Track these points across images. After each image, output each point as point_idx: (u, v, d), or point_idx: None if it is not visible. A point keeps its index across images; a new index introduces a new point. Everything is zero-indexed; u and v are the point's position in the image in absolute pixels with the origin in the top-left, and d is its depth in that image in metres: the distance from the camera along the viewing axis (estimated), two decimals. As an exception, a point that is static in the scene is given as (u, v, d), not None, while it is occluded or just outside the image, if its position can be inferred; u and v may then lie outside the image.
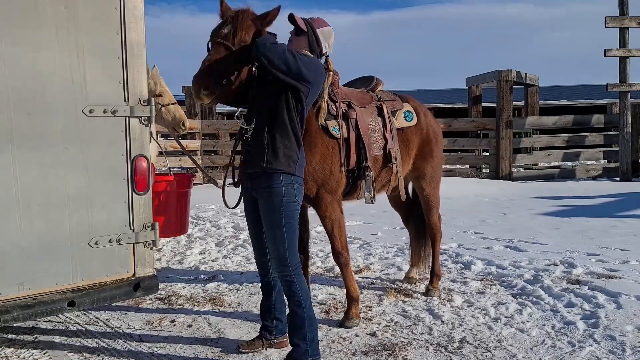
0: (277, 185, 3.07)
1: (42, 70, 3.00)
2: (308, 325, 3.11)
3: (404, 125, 4.26)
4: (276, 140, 3.07)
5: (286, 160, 3.07)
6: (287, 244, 3.09)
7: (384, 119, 4.05)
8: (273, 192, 3.08)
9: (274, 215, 3.09)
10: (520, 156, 14.17)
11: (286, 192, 3.08)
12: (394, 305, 4.33)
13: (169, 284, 5.00)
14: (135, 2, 3.27)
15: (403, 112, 4.29)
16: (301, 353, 3.10)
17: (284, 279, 3.15)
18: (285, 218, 3.08)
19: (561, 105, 26.09)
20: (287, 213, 3.09)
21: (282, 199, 3.07)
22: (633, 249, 6.05)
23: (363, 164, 3.82)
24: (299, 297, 3.11)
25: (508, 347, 3.52)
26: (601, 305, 4.16)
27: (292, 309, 3.15)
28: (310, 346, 3.11)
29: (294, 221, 3.13)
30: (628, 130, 13.44)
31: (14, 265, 2.98)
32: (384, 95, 4.26)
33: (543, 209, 9.24)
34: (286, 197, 3.08)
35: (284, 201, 3.07)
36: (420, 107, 4.54)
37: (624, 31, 13.36)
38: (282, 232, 3.08)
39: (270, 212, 3.11)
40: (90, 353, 3.48)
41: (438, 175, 4.65)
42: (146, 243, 3.42)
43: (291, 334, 3.16)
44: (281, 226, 3.07)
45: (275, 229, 3.09)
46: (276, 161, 3.06)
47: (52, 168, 3.07)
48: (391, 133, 4.05)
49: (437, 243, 4.75)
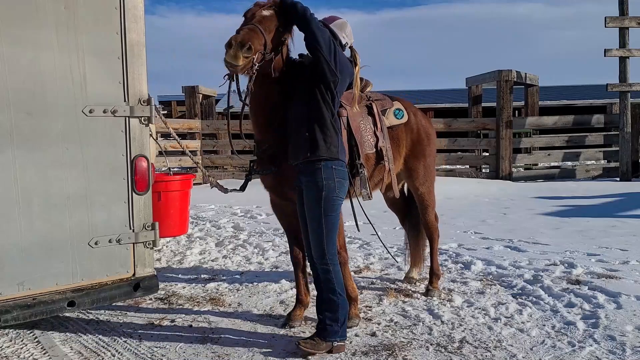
0: (320, 179, 3.30)
1: (42, 70, 3.01)
2: (341, 309, 3.38)
3: (395, 123, 4.31)
4: (316, 133, 3.31)
5: (327, 148, 3.31)
6: (328, 235, 3.33)
7: (374, 118, 4.10)
8: (315, 185, 3.31)
9: (315, 207, 3.32)
10: (520, 156, 14.15)
11: (326, 187, 3.30)
12: (394, 305, 4.33)
13: (169, 284, 5.00)
14: (135, 2, 3.28)
15: (393, 110, 4.33)
16: (333, 332, 3.36)
17: (321, 267, 3.37)
18: (325, 211, 3.31)
19: (561, 105, 26.08)
20: (327, 206, 3.32)
21: (322, 192, 3.30)
22: (633, 249, 6.05)
23: (356, 162, 3.85)
24: (334, 284, 3.37)
25: (508, 347, 3.52)
26: (601, 305, 4.16)
27: (328, 294, 3.37)
28: (341, 328, 3.39)
29: (334, 214, 3.36)
30: (628, 130, 13.43)
31: (14, 265, 2.98)
32: (372, 95, 4.30)
33: (543, 209, 9.24)
34: (326, 191, 3.30)
35: (324, 195, 3.30)
36: (410, 106, 4.56)
37: (624, 31, 13.35)
38: (321, 224, 3.32)
39: (311, 204, 3.34)
40: (90, 353, 3.48)
41: (432, 174, 4.65)
42: (146, 243, 3.43)
43: (324, 316, 3.38)
44: (321, 217, 3.31)
45: (315, 220, 3.33)
46: (318, 151, 3.30)
47: (52, 168, 3.07)
48: (382, 131, 4.10)
49: (434, 242, 4.75)
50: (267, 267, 5.60)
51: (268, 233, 7.20)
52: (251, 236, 7.01)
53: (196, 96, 14.86)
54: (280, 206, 3.97)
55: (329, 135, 3.33)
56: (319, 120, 3.32)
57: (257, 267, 5.58)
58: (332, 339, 3.36)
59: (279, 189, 3.76)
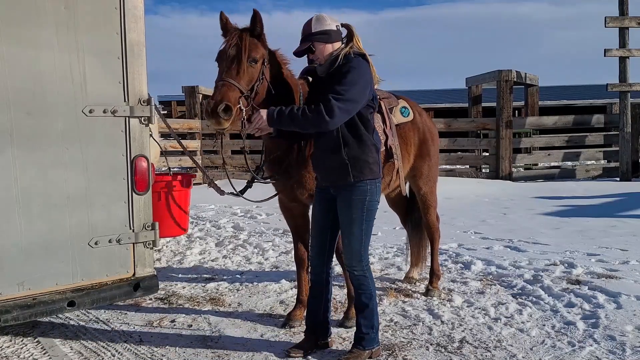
0: (363, 184, 3.17)
1: (42, 70, 3.00)
2: (375, 315, 3.32)
3: (402, 120, 4.30)
4: (357, 156, 3.15)
5: (371, 171, 3.18)
6: (364, 241, 3.23)
7: (383, 116, 4.07)
8: (356, 191, 3.17)
9: (355, 212, 3.18)
10: (520, 156, 14.15)
11: (370, 191, 3.19)
12: (394, 305, 4.33)
13: (169, 284, 5.00)
14: (135, 2, 3.28)
15: (399, 108, 4.32)
16: (369, 340, 3.30)
17: (356, 274, 3.27)
18: (366, 216, 3.20)
19: (561, 105, 26.07)
20: (369, 211, 3.21)
21: (365, 197, 3.18)
22: (633, 249, 6.05)
23: None
24: (370, 291, 3.28)
25: (508, 347, 3.52)
26: (601, 305, 4.16)
27: (363, 301, 3.29)
28: (376, 334, 3.34)
29: (373, 220, 3.27)
30: (628, 130, 13.43)
31: (14, 265, 2.98)
32: (379, 93, 4.28)
33: (543, 209, 9.24)
34: (369, 196, 3.19)
35: (367, 199, 3.19)
36: (415, 106, 4.57)
37: (624, 31, 13.34)
38: (362, 230, 3.20)
39: (351, 209, 3.19)
40: (90, 353, 3.48)
41: (435, 174, 4.65)
42: (146, 243, 3.42)
43: (360, 323, 3.32)
44: (361, 223, 3.19)
45: (354, 225, 3.19)
46: (362, 174, 3.16)
47: (52, 168, 3.07)
48: (391, 129, 4.08)
49: (435, 242, 4.76)
50: (267, 267, 5.60)
51: (268, 233, 7.20)
52: (251, 236, 7.01)
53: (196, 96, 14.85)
54: (289, 207, 3.97)
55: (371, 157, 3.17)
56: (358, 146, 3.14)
57: (257, 267, 5.58)
58: (371, 347, 3.30)
59: (290, 191, 3.76)
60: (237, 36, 3.25)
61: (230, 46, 3.23)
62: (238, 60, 3.20)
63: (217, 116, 3.06)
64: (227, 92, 3.11)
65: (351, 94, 3.03)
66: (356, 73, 3.09)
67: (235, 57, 3.20)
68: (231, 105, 3.08)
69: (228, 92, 3.11)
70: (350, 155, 3.14)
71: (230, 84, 3.13)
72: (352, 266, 3.26)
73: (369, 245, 3.32)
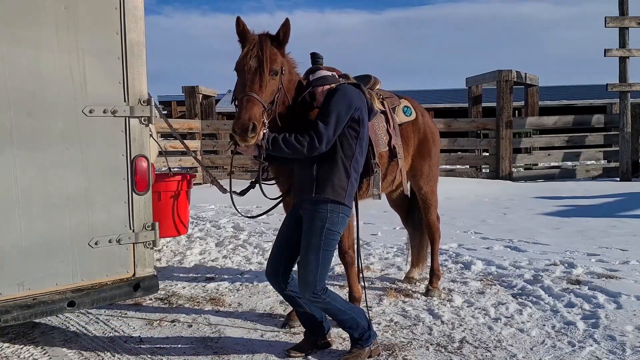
0: (323, 210, 3.13)
1: (42, 70, 3.00)
2: (358, 317, 3.28)
3: (404, 120, 4.31)
4: (325, 175, 3.14)
5: (334, 191, 3.14)
6: (320, 271, 3.13)
7: (386, 116, 4.07)
8: (317, 216, 3.14)
9: (313, 239, 3.14)
10: (520, 156, 14.16)
11: (330, 220, 3.13)
12: (394, 305, 4.33)
13: (169, 284, 5.00)
14: (135, 2, 3.28)
15: (402, 107, 4.33)
16: (365, 339, 3.31)
17: (313, 303, 3.21)
18: (324, 245, 3.13)
19: (561, 105, 26.08)
20: (326, 240, 3.14)
21: (324, 224, 3.13)
22: (633, 249, 6.05)
23: (371, 161, 3.81)
24: (338, 308, 3.23)
25: (508, 347, 3.52)
26: (601, 305, 4.16)
27: (340, 318, 3.27)
28: (369, 331, 3.32)
29: (331, 250, 3.18)
30: (628, 130, 13.43)
31: (14, 265, 2.98)
32: (381, 93, 4.29)
33: (543, 209, 9.24)
34: (329, 224, 3.13)
35: (326, 227, 3.13)
36: (418, 106, 4.57)
37: (624, 31, 13.35)
38: (317, 258, 3.12)
39: (309, 235, 3.15)
40: (90, 353, 3.48)
41: (435, 174, 4.66)
42: (146, 243, 3.42)
43: (349, 332, 3.32)
44: (318, 252, 3.12)
45: (310, 253, 3.13)
46: (324, 192, 3.13)
47: (52, 168, 3.07)
48: (394, 129, 4.08)
49: (436, 243, 4.76)
50: (267, 267, 5.60)
51: (268, 233, 7.20)
52: (251, 236, 7.01)
53: (196, 96, 14.87)
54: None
55: (338, 179, 3.15)
56: (328, 165, 3.15)
57: (257, 267, 5.58)
58: (368, 344, 3.31)
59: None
60: (257, 46, 3.18)
61: (251, 57, 3.16)
62: (260, 73, 3.14)
63: (245, 135, 3.02)
64: (252, 109, 3.05)
65: (335, 116, 3.09)
66: (339, 96, 3.16)
67: (257, 69, 3.14)
68: (257, 122, 3.05)
69: (253, 109, 3.05)
70: (319, 172, 3.15)
71: (254, 100, 3.08)
72: (306, 297, 3.19)
73: (326, 275, 3.20)
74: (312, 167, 3.18)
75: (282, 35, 3.24)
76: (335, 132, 3.10)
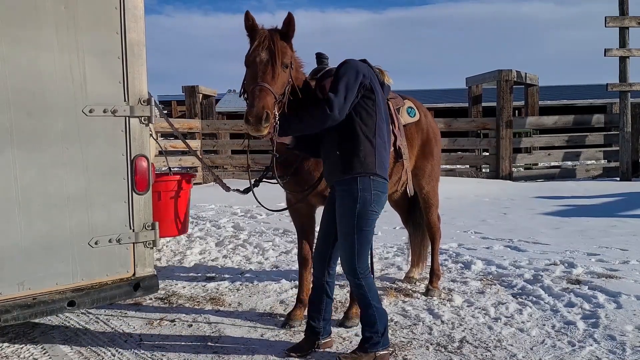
0: (355, 190, 3.12)
1: (42, 70, 3.00)
2: (379, 319, 3.22)
3: (408, 121, 4.32)
4: (349, 151, 3.13)
5: (362, 164, 3.12)
6: (357, 251, 3.14)
7: (391, 117, 4.07)
8: (349, 197, 3.13)
9: (347, 221, 3.14)
10: (520, 156, 14.16)
11: (361, 200, 3.11)
12: (394, 305, 4.33)
13: (169, 283, 5.00)
14: (136, 2, 3.28)
15: (406, 108, 4.33)
16: (373, 344, 3.22)
17: (352, 283, 3.23)
18: (357, 226, 3.12)
19: (561, 105, 26.08)
20: (360, 221, 3.12)
21: (355, 206, 3.11)
22: (633, 249, 6.04)
23: None
24: (368, 299, 3.21)
25: (508, 346, 3.52)
26: (601, 305, 4.16)
27: (363, 308, 3.24)
28: (381, 338, 3.24)
29: (367, 229, 3.16)
30: (628, 130, 13.43)
31: (14, 265, 2.98)
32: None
33: (543, 208, 9.24)
34: (360, 206, 3.11)
35: (358, 209, 3.11)
36: (421, 106, 4.57)
37: (624, 31, 13.35)
38: (353, 241, 3.13)
39: (343, 217, 3.16)
40: (90, 353, 3.48)
41: (437, 174, 4.66)
42: (146, 243, 3.43)
43: (363, 328, 3.26)
44: (353, 233, 3.12)
45: (347, 234, 3.14)
46: (352, 168, 3.12)
47: (52, 168, 3.07)
48: (399, 129, 4.08)
49: (436, 242, 4.76)
50: (267, 267, 5.60)
51: (268, 233, 7.21)
52: (251, 236, 7.01)
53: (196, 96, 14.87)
54: (296, 207, 3.96)
55: (362, 150, 3.12)
56: (350, 139, 3.14)
57: (257, 267, 5.58)
58: (374, 350, 3.23)
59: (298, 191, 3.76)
60: (268, 39, 3.18)
61: (263, 49, 3.16)
62: (272, 64, 3.13)
63: (259, 125, 3.00)
64: (265, 98, 3.03)
65: (344, 84, 3.10)
66: (345, 67, 3.19)
67: (269, 61, 3.14)
68: (270, 112, 3.03)
69: (267, 98, 3.04)
70: (343, 150, 3.15)
71: (267, 89, 3.06)
72: (347, 274, 3.24)
73: (367, 255, 3.22)
74: (335, 146, 3.17)
75: (288, 29, 3.25)
76: (346, 99, 3.08)
